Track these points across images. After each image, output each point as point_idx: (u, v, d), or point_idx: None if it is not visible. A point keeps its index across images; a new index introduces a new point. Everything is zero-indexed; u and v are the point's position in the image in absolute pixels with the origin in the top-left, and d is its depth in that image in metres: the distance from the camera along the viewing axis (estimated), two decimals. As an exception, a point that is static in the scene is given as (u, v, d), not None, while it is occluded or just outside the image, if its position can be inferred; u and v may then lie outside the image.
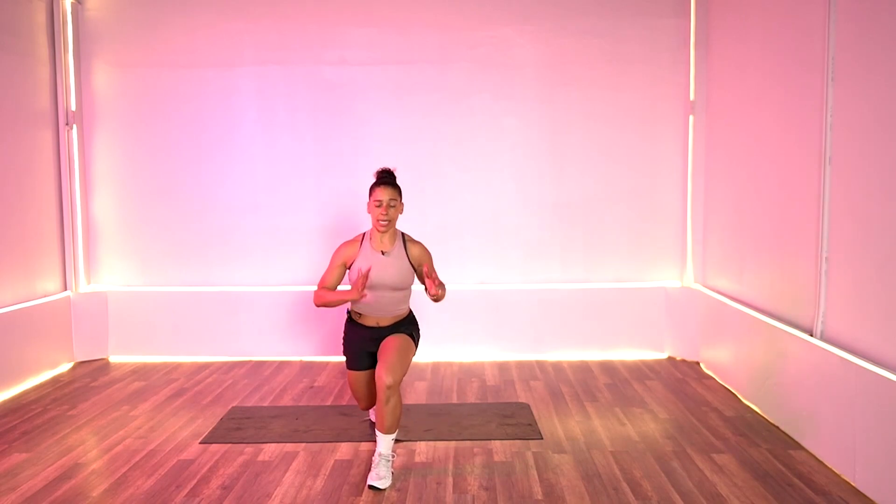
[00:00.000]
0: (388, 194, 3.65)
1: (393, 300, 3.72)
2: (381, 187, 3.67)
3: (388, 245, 3.71)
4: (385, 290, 3.68)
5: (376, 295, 3.69)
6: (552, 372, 5.46)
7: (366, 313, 3.76)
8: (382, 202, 3.64)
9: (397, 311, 3.77)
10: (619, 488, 3.45)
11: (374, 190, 3.68)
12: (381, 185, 3.67)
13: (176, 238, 5.98)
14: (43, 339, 5.45)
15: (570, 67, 5.83)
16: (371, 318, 3.76)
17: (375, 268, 3.65)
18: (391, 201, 3.65)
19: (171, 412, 4.62)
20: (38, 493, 3.46)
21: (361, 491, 3.46)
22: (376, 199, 3.65)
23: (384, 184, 3.68)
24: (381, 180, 3.70)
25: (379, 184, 3.69)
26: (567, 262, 5.93)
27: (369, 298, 3.69)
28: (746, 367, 4.70)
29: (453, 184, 5.90)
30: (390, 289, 3.69)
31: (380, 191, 3.66)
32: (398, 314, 3.78)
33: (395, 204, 3.66)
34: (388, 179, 3.71)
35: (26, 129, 5.44)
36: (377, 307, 3.72)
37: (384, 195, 3.65)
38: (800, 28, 4.15)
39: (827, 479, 3.51)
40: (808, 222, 4.02)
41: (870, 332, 3.47)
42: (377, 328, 3.76)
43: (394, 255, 3.69)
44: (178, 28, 5.87)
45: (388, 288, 3.68)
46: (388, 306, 3.73)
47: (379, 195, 3.65)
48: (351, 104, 5.86)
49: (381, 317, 3.75)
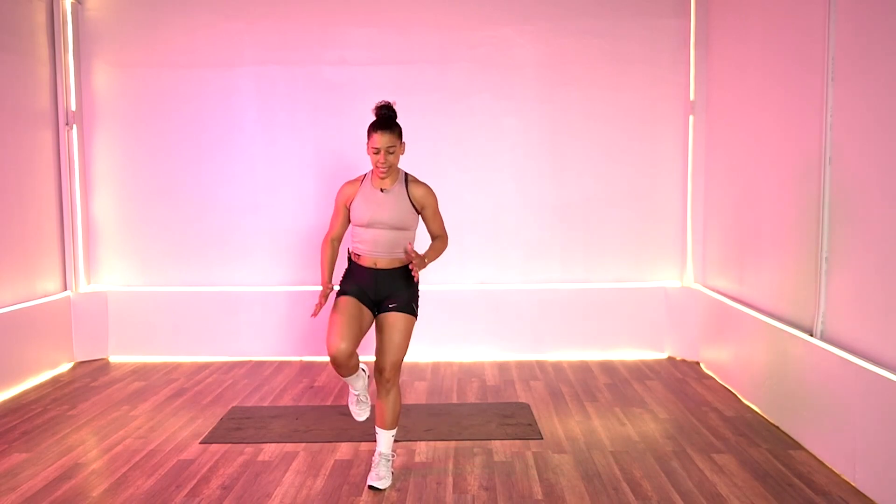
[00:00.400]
0: (386, 141, 3.40)
1: (391, 240, 3.50)
2: (377, 132, 3.40)
3: (388, 183, 3.52)
4: (382, 228, 3.48)
5: (374, 233, 3.49)
6: (552, 372, 5.46)
7: (363, 253, 3.54)
8: (380, 150, 3.40)
9: (397, 254, 3.50)
10: (619, 488, 3.45)
11: (371, 135, 3.42)
12: (378, 131, 3.40)
13: (176, 238, 5.98)
14: (43, 339, 5.45)
15: (570, 67, 5.83)
16: (368, 258, 3.52)
17: (372, 205, 3.48)
18: (389, 148, 3.40)
19: (171, 412, 4.62)
20: (38, 493, 3.46)
21: (361, 491, 3.46)
22: (373, 147, 3.41)
23: (380, 128, 3.41)
24: (377, 124, 3.43)
25: (375, 128, 3.42)
26: (567, 262, 5.93)
27: (367, 236, 3.51)
28: (746, 368, 4.70)
29: (453, 184, 5.89)
30: (388, 227, 3.48)
31: (376, 137, 3.40)
32: (398, 257, 3.50)
33: (393, 150, 3.42)
34: (386, 123, 3.43)
35: (26, 129, 5.44)
36: (375, 246, 3.51)
37: (381, 142, 3.39)
38: (800, 28, 4.15)
39: (827, 479, 3.51)
40: (808, 222, 4.02)
41: (870, 332, 3.46)
42: (375, 269, 3.52)
43: (393, 192, 3.51)
44: (178, 28, 5.87)
45: (386, 226, 3.48)
46: (387, 246, 3.50)
47: (375, 142, 3.40)
48: (351, 104, 5.86)
49: (379, 257, 3.51)
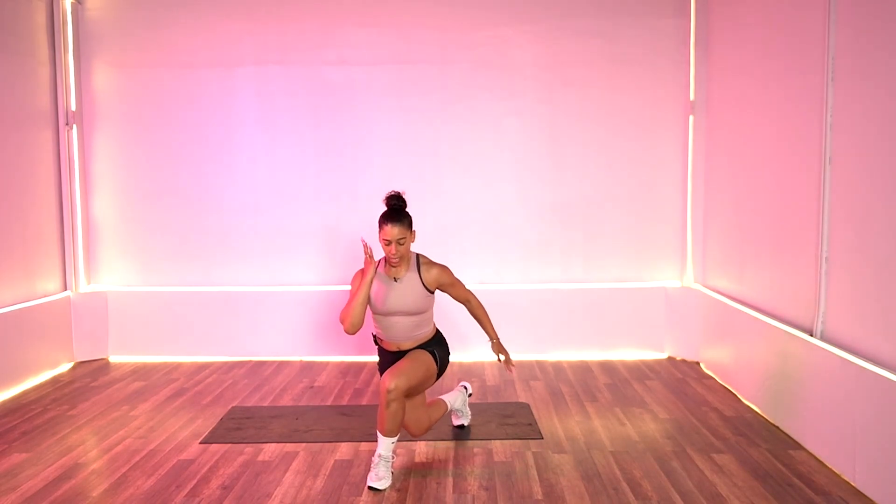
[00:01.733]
0: (397, 233, 3.49)
1: (409, 325, 3.65)
2: (388, 224, 3.50)
3: (401, 272, 3.62)
4: (400, 315, 3.62)
5: (391, 321, 3.63)
6: (552, 372, 5.46)
7: (385, 338, 3.71)
8: (391, 242, 3.50)
9: (417, 335, 3.69)
10: (619, 488, 3.45)
11: (382, 227, 3.52)
12: (389, 223, 3.50)
13: (176, 238, 5.98)
14: (43, 339, 5.45)
15: (570, 68, 5.83)
16: (391, 344, 3.71)
17: (388, 295, 3.58)
18: (399, 240, 3.50)
19: (171, 412, 4.62)
20: (38, 493, 3.46)
21: (361, 491, 3.46)
22: (384, 239, 3.51)
23: (391, 221, 3.50)
24: (387, 216, 3.53)
25: (386, 220, 3.52)
26: (567, 263, 5.93)
27: (386, 323, 3.64)
28: (746, 368, 4.70)
29: (453, 184, 5.90)
30: (404, 314, 3.62)
31: (387, 229, 3.50)
32: (418, 338, 3.70)
33: (403, 241, 3.52)
34: (395, 215, 3.52)
35: (26, 129, 5.44)
36: (394, 333, 3.66)
37: (392, 234, 3.49)
38: (800, 28, 4.15)
39: (827, 479, 3.51)
40: (808, 222, 4.02)
41: (870, 332, 3.47)
42: (399, 352, 3.70)
43: (406, 281, 3.61)
44: (178, 28, 5.87)
45: (402, 314, 3.62)
46: (406, 331, 3.66)
47: (386, 234, 3.50)
48: (351, 104, 5.86)
49: (401, 342, 3.68)
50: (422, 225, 5.33)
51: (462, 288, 3.78)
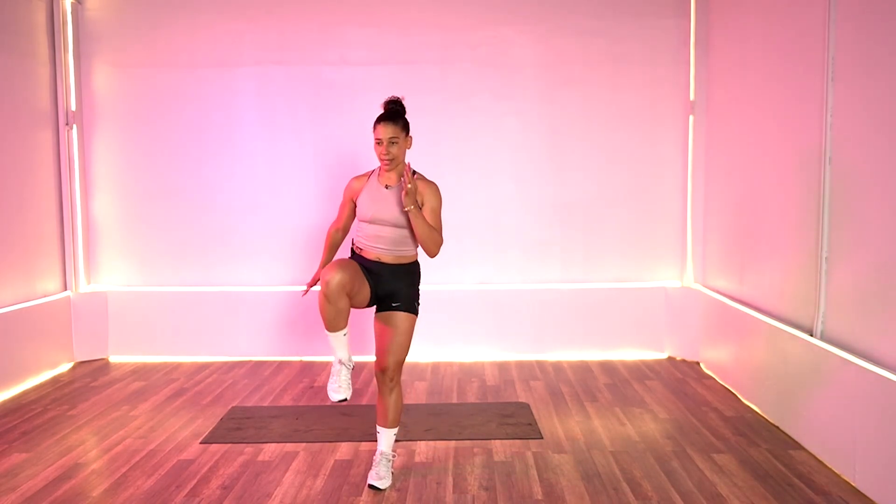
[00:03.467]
0: (389, 132, 3.40)
1: (393, 238, 3.50)
2: (381, 124, 3.42)
3: (393, 179, 3.52)
4: (386, 225, 3.49)
5: (376, 229, 3.50)
6: (552, 372, 5.46)
7: (365, 247, 3.54)
8: (382, 140, 3.41)
9: (401, 252, 3.52)
10: (619, 488, 3.45)
11: (375, 126, 3.44)
12: (382, 122, 3.42)
13: (176, 238, 5.98)
14: (43, 339, 5.45)
15: (570, 68, 5.83)
16: (372, 252, 3.53)
17: (376, 201, 3.49)
18: (392, 139, 3.40)
19: (171, 412, 4.62)
20: (38, 493, 3.46)
21: (361, 491, 3.46)
22: (376, 138, 3.42)
23: (384, 119, 3.42)
24: (382, 116, 3.45)
25: (380, 119, 3.44)
26: (567, 263, 5.93)
27: (370, 231, 3.52)
28: (746, 368, 4.70)
29: (453, 184, 5.86)
30: (391, 224, 3.48)
31: (380, 128, 3.42)
32: (401, 255, 3.53)
33: (396, 141, 3.41)
34: (390, 114, 3.45)
35: (26, 129, 5.44)
36: (377, 242, 3.51)
37: (384, 133, 3.40)
38: (800, 28, 4.15)
39: (827, 479, 3.51)
40: (808, 222, 4.02)
41: (870, 331, 3.47)
42: (378, 262, 3.52)
43: (397, 190, 3.50)
44: (178, 28, 5.87)
45: (388, 223, 3.48)
46: (389, 243, 3.51)
47: (378, 132, 3.42)
48: (351, 104, 5.86)
49: (382, 253, 3.52)
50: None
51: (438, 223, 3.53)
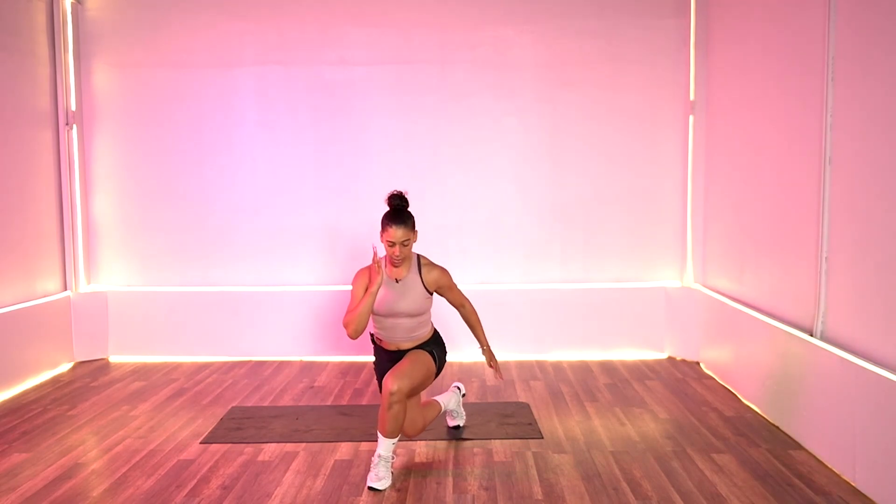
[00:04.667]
0: (400, 235, 3.49)
1: (409, 326, 3.67)
2: (391, 227, 3.49)
3: (402, 272, 3.64)
4: (401, 317, 3.64)
5: (393, 322, 3.65)
6: (552, 372, 5.46)
7: (385, 339, 3.73)
8: (395, 244, 3.50)
9: (416, 336, 3.71)
10: (619, 488, 3.45)
11: (386, 228, 3.51)
12: (392, 225, 3.49)
13: (176, 238, 5.98)
14: (43, 339, 5.45)
15: (570, 68, 5.83)
16: (391, 344, 3.73)
17: (389, 296, 3.61)
18: (403, 242, 3.51)
19: (171, 412, 4.62)
20: (38, 493, 3.46)
21: (361, 491, 3.46)
22: (388, 240, 3.51)
23: (395, 222, 3.49)
24: (391, 218, 3.52)
25: (390, 222, 3.51)
26: (567, 263, 5.93)
27: (387, 324, 3.66)
28: (746, 368, 4.70)
29: (453, 184, 5.90)
30: (406, 316, 3.64)
31: (391, 231, 3.49)
32: (418, 338, 3.72)
33: (407, 243, 3.52)
34: (399, 217, 3.51)
35: (26, 129, 5.44)
36: (395, 333, 3.68)
37: (395, 236, 3.49)
38: (800, 28, 4.15)
39: (827, 479, 3.51)
40: (808, 222, 4.02)
41: (870, 332, 3.47)
42: (398, 352, 3.72)
43: (408, 282, 3.63)
44: (178, 28, 5.87)
45: (404, 315, 3.64)
46: (406, 332, 3.68)
47: (390, 236, 3.49)
48: (351, 104, 5.86)
49: (401, 342, 3.70)
50: (422, 224, 5.34)
51: (459, 293, 3.82)
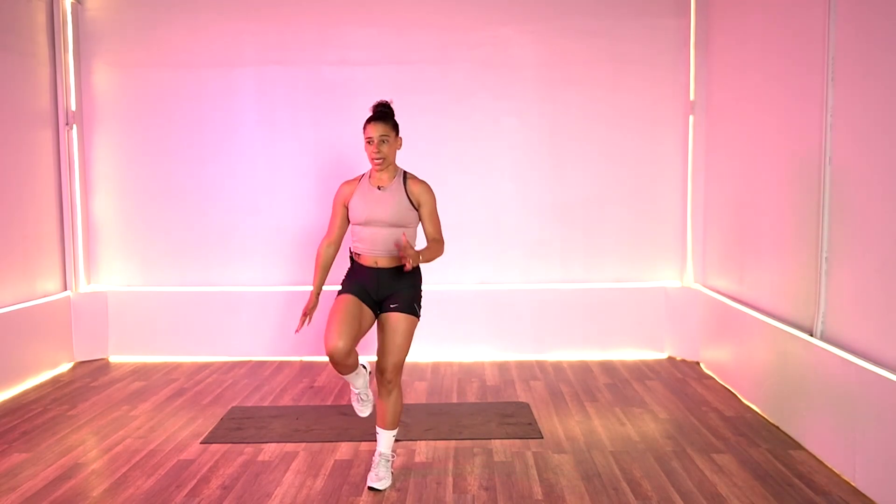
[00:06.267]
0: (379, 130, 3.44)
1: (391, 238, 3.48)
2: (371, 123, 3.46)
3: (385, 180, 3.54)
4: (380, 226, 3.48)
5: (372, 231, 3.49)
6: (552, 372, 5.46)
7: (363, 252, 3.53)
8: (373, 139, 3.44)
9: (396, 253, 3.46)
10: (619, 488, 3.45)
11: (366, 126, 3.48)
12: (372, 121, 3.46)
13: (176, 238, 5.98)
14: (43, 339, 5.45)
15: (570, 67, 5.83)
16: (369, 257, 3.52)
17: (370, 202, 3.49)
18: (382, 137, 3.44)
19: (171, 412, 4.62)
20: (38, 493, 3.46)
21: (361, 491, 3.46)
22: (367, 137, 3.46)
23: (374, 119, 3.47)
24: (372, 115, 3.50)
25: (370, 119, 3.48)
26: (567, 262, 5.93)
27: (366, 234, 3.51)
28: (746, 368, 4.70)
29: (453, 184, 5.89)
30: (386, 225, 3.47)
31: (370, 127, 3.46)
32: (397, 257, 3.46)
33: (387, 139, 3.45)
34: (380, 114, 3.49)
35: (26, 129, 5.44)
36: (374, 245, 3.50)
37: (374, 131, 3.44)
38: (800, 28, 4.15)
39: (827, 479, 3.51)
40: (808, 222, 4.02)
41: (870, 332, 3.47)
42: (376, 269, 3.51)
43: (390, 189, 3.51)
44: (178, 28, 5.87)
45: (384, 224, 3.47)
46: (385, 245, 3.49)
47: (369, 131, 3.45)
48: (351, 104, 5.86)
49: (379, 256, 3.50)
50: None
51: (437, 225, 3.56)
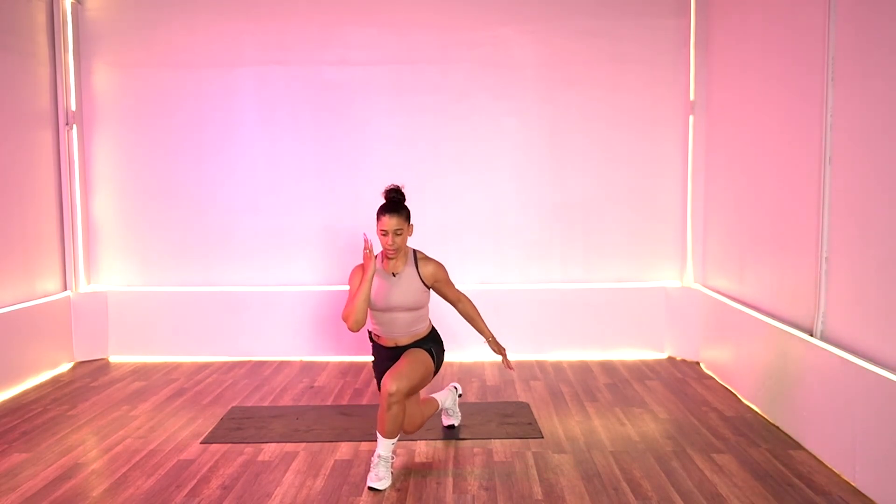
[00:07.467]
0: (394, 224, 3.50)
1: (407, 321, 3.65)
2: (385, 216, 3.50)
3: (399, 266, 3.62)
4: (398, 311, 3.62)
5: (390, 317, 3.63)
6: (552, 372, 5.46)
7: (383, 335, 3.70)
8: (388, 232, 3.50)
9: (414, 331, 3.69)
10: (619, 488, 3.45)
11: (380, 217, 3.52)
12: (387, 213, 3.50)
13: (176, 238, 5.98)
14: (43, 339, 5.45)
15: (570, 67, 5.83)
16: (388, 340, 3.70)
17: (386, 290, 3.58)
18: (397, 231, 3.51)
19: (171, 412, 4.62)
20: (38, 493, 3.46)
21: (361, 491, 3.46)
22: (381, 229, 3.51)
23: (389, 211, 3.51)
24: (386, 207, 3.53)
25: (384, 211, 3.52)
26: (567, 263, 5.93)
27: (384, 319, 3.64)
28: (746, 368, 4.70)
29: (453, 184, 5.90)
30: (403, 310, 3.62)
31: (385, 220, 3.50)
32: (416, 334, 3.70)
33: (401, 232, 3.52)
34: (394, 206, 3.53)
35: (26, 129, 5.44)
36: (392, 328, 3.66)
37: (389, 225, 3.50)
38: (800, 28, 4.15)
39: (827, 479, 3.51)
40: (808, 222, 4.02)
41: (870, 332, 3.47)
42: (396, 348, 3.69)
43: (404, 276, 3.61)
44: (178, 28, 5.87)
45: (401, 309, 3.61)
46: (404, 327, 3.65)
47: (384, 224, 3.51)
48: (351, 104, 5.87)
49: (398, 337, 3.68)
50: (422, 225, 5.34)
51: (455, 289, 3.78)
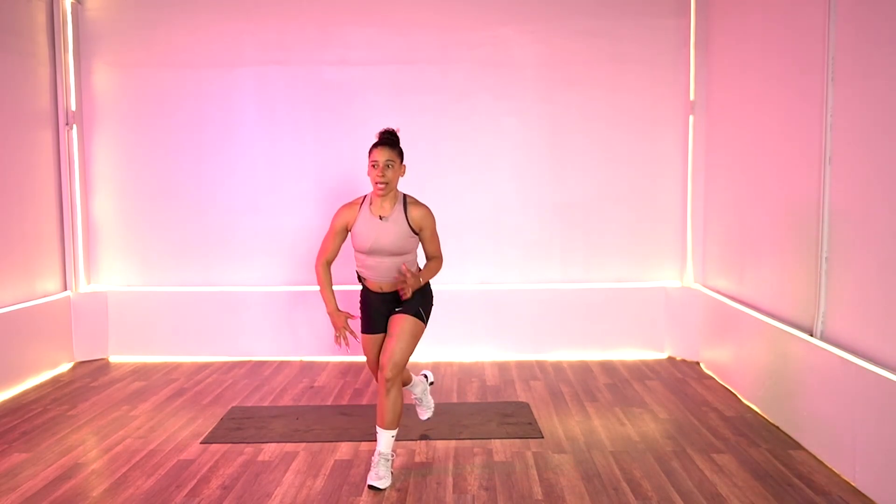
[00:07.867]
0: (385, 155, 3.47)
1: (393, 265, 3.55)
2: (377, 148, 3.50)
3: (387, 209, 3.55)
4: (384, 255, 3.54)
5: (376, 260, 3.56)
6: (552, 372, 5.46)
7: (369, 278, 3.63)
8: (378, 163, 3.46)
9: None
10: (619, 488, 3.45)
11: (371, 151, 3.51)
12: (378, 146, 3.50)
13: (176, 238, 5.98)
14: (43, 339, 5.45)
15: (570, 67, 5.83)
16: (374, 283, 3.62)
17: (372, 232, 3.52)
18: (388, 162, 3.47)
19: (171, 412, 4.62)
20: (38, 493, 3.47)
21: (361, 491, 3.46)
22: (372, 160, 3.48)
23: (381, 144, 3.51)
24: (378, 140, 3.54)
25: (376, 144, 3.52)
26: (567, 263, 5.93)
27: (370, 262, 3.57)
28: (746, 368, 4.70)
29: (453, 184, 5.90)
30: (388, 254, 3.54)
31: (376, 151, 3.49)
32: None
33: (392, 165, 3.48)
34: (386, 140, 3.54)
35: (26, 129, 5.44)
36: (379, 272, 3.57)
37: (380, 155, 3.47)
38: (800, 28, 4.15)
39: (827, 479, 3.51)
40: (808, 222, 4.02)
41: (870, 332, 3.47)
42: (382, 293, 3.62)
43: (392, 219, 3.54)
44: (178, 28, 5.87)
45: (386, 254, 3.54)
46: (389, 271, 3.56)
47: (375, 156, 3.48)
48: (351, 104, 5.87)
49: (384, 282, 3.59)
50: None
51: (437, 244, 3.66)
